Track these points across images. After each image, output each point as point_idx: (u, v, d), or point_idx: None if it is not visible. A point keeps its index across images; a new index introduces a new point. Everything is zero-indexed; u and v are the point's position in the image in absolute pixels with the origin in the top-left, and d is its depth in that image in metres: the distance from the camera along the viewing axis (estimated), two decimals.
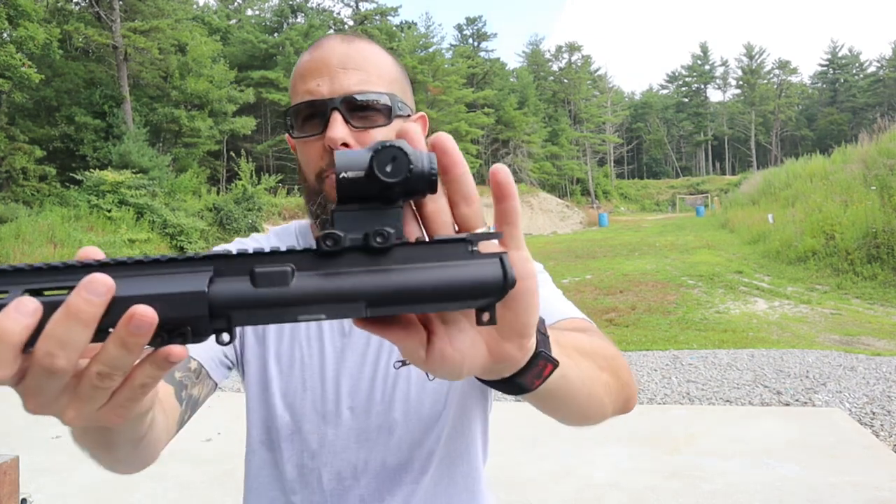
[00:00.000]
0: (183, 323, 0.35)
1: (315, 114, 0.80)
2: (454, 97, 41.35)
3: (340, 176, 0.38)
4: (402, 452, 0.86)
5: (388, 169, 0.37)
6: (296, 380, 0.88)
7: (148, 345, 0.35)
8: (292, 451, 0.87)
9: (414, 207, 0.41)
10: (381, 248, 0.37)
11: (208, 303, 0.35)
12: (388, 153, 0.38)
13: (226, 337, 0.37)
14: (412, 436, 0.86)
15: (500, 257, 0.38)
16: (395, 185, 0.38)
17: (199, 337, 0.36)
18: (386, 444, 0.85)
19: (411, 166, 0.37)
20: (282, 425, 0.87)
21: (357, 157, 0.38)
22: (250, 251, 0.37)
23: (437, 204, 0.41)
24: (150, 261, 0.36)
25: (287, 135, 0.87)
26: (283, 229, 0.97)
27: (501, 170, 0.41)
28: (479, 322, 0.39)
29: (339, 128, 0.77)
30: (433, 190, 0.39)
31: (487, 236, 0.39)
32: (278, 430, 0.88)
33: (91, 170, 21.05)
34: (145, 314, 0.33)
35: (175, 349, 0.35)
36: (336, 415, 0.86)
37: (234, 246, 0.91)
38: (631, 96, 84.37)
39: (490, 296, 0.38)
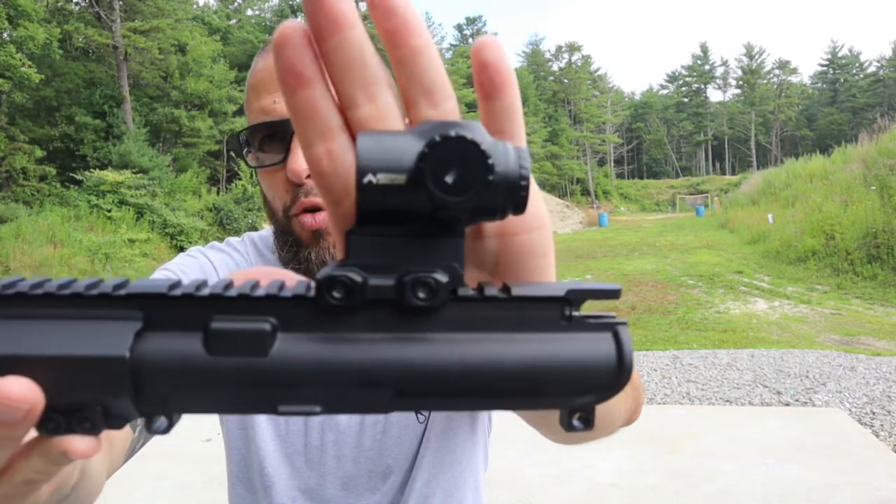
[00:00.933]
0: (91, 402, 0.22)
1: (274, 138, 0.66)
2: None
3: (365, 180, 0.22)
4: (394, 492, 0.79)
5: (451, 178, 0.22)
6: (280, 422, 0.79)
7: (38, 430, 0.23)
8: (273, 494, 0.78)
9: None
10: (424, 306, 0.23)
11: (130, 373, 0.22)
12: (452, 148, 0.22)
13: (161, 423, 0.23)
14: (403, 475, 0.79)
15: (615, 329, 0.25)
16: (460, 202, 0.22)
17: (115, 421, 0.23)
18: (377, 487, 0.78)
19: (492, 175, 0.22)
20: (261, 466, 0.78)
21: (394, 149, 0.22)
22: (209, 283, 0.23)
23: None
24: (56, 295, 0.22)
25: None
26: (242, 242, 0.80)
27: (489, 45, 0.26)
28: (570, 428, 0.25)
29: (300, 158, 0.62)
30: (521, 209, 0.24)
31: (597, 294, 0.25)
32: (258, 470, 0.79)
33: (91, 170, 21.06)
34: (21, 396, 0.21)
35: (76, 443, 0.23)
36: (320, 463, 0.77)
37: (193, 264, 0.73)
38: (631, 96, 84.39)
39: (596, 391, 0.24)
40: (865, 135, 17.86)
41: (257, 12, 45.59)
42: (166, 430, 0.23)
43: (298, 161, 0.63)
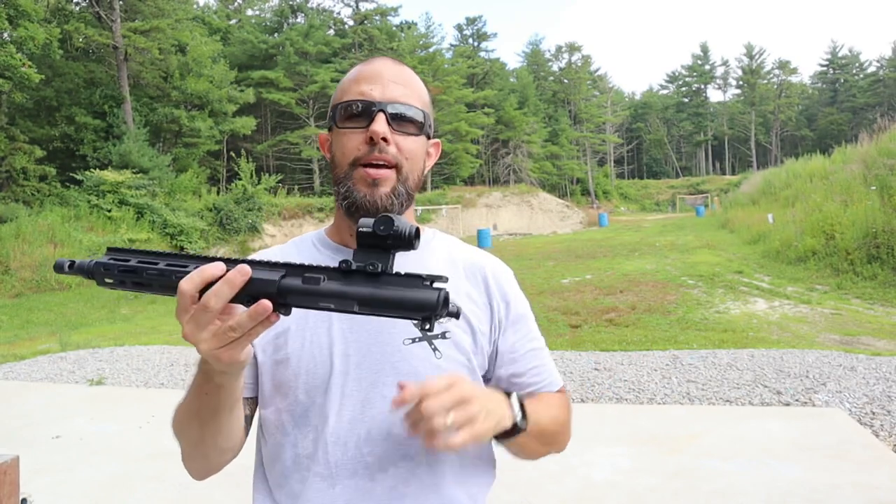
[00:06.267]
0: (266, 296, 0.63)
1: (363, 111, 0.91)
2: (454, 97, 41.32)
3: (360, 229, 0.65)
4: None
5: (381, 228, 0.64)
6: (306, 361, 0.93)
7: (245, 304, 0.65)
8: (307, 429, 0.92)
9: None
10: (372, 273, 0.63)
11: (277, 288, 0.64)
12: (383, 219, 0.64)
13: (284, 313, 0.65)
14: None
15: (440, 291, 0.62)
16: (385, 237, 0.64)
17: (277, 308, 0.64)
18: (392, 413, 0.88)
19: (394, 229, 0.63)
20: (295, 405, 0.93)
21: (369, 220, 0.65)
22: (297, 262, 0.67)
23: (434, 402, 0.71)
24: (259, 262, 0.66)
25: (322, 134, 1.01)
26: (301, 240, 1.07)
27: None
28: (423, 327, 0.62)
29: (383, 124, 0.89)
30: (412, 247, 0.64)
31: (438, 279, 0.63)
32: (290, 413, 0.93)
33: (91, 170, 21.05)
34: (246, 272, 0.64)
35: (263, 302, 0.63)
36: (342, 387, 0.91)
37: (272, 255, 1.04)
38: (631, 96, 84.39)
39: (428, 310, 0.61)
40: (865, 135, 17.85)
41: (257, 12, 45.53)
42: (287, 314, 0.66)
43: (380, 125, 0.89)
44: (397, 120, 0.91)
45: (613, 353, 6.44)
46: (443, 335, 0.92)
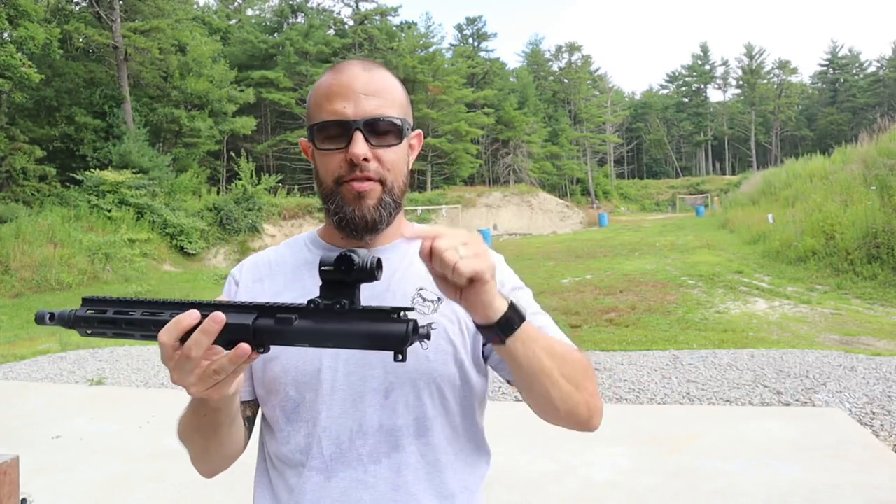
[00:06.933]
0: (242, 340, 0.67)
1: (340, 132, 0.91)
2: (454, 97, 41.31)
3: (322, 268, 0.67)
4: (398, 415, 0.92)
5: (343, 267, 0.66)
6: (294, 357, 0.94)
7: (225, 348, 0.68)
8: (299, 424, 0.94)
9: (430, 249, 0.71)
10: (340, 311, 0.66)
11: (252, 330, 0.67)
12: (344, 258, 0.65)
13: (262, 351, 0.68)
14: (406, 399, 0.92)
15: (408, 324, 0.64)
16: (348, 273, 0.66)
17: (255, 348, 0.67)
18: (382, 405, 0.91)
19: (355, 266, 0.65)
20: (286, 401, 0.94)
21: (330, 258, 0.66)
22: (270, 302, 0.69)
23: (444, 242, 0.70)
24: (232, 304, 0.69)
25: (303, 141, 1.01)
26: (294, 240, 1.09)
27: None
28: (395, 359, 0.65)
29: (361, 145, 0.90)
30: (374, 278, 0.66)
31: (404, 310, 0.66)
32: (282, 409, 0.95)
33: (91, 170, 21.04)
34: (220, 320, 0.67)
35: (241, 346, 0.66)
36: (332, 382, 0.93)
37: (251, 268, 1.09)
38: (631, 96, 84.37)
39: (399, 344, 0.64)
40: (865, 135, 17.85)
41: (257, 12, 45.52)
42: (264, 352, 0.68)
43: (358, 147, 0.90)
44: (375, 135, 0.91)
45: (613, 353, 6.44)
46: (429, 326, 0.93)
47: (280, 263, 1.03)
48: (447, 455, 0.94)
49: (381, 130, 0.91)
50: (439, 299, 0.95)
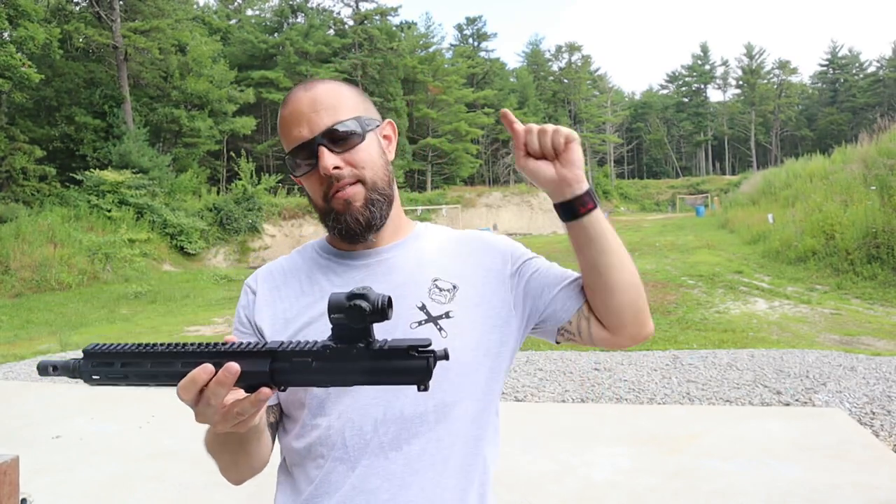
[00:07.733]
0: (262, 384, 0.69)
1: (306, 154, 0.95)
2: (454, 97, 41.33)
3: (332, 315, 0.67)
4: (419, 402, 0.93)
5: (355, 315, 0.66)
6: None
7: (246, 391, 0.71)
8: (322, 418, 0.96)
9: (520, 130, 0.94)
10: (357, 354, 0.68)
11: (269, 374, 0.69)
12: (355, 308, 0.66)
13: (281, 389, 0.71)
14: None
15: (428, 359, 0.66)
16: (360, 321, 0.66)
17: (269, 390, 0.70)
18: (405, 393, 0.93)
19: (367, 311, 0.66)
20: (312, 399, 0.96)
21: (342, 303, 0.67)
22: (290, 342, 0.70)
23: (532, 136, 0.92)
24: (245, 351, 0.69)
25: (294, 178, 1.04)
26: (304, 248, 1.12)
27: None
28: (419, 389, 0.67)
29: (326, 157, 0.93)
30: (385, 317, 0.67)
31: (421, 345, 0.67)
32: (307, 406, 0.97)
33: (91, 170, 21.04)
34: (235, 370, 0.68)
35: (263, 390, 0.69)
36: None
37: (266, 278, 1.10)
38: (631, 96, 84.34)
39: (422, 378, 0.66)
40: (865, 135, 17.85)
41: (257, 12, 45.51)
42: (283, 391, 0.72)
43: (325, 160, 0.93)
44: (337, 143, 0.94)
45: (613, 353, 6.44)
46: (446, 315, 0.97)
47: (294, 270, 1.06)
48: (465, 438, 0.96)
49: (339, 137, 0.94)
50: (455, 287, 0.99)
